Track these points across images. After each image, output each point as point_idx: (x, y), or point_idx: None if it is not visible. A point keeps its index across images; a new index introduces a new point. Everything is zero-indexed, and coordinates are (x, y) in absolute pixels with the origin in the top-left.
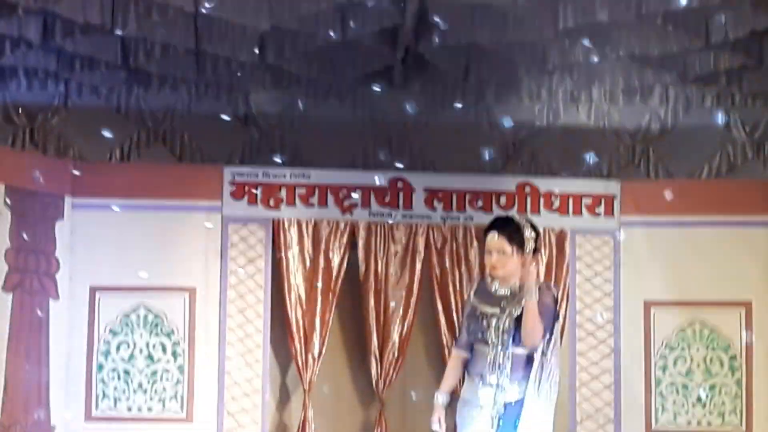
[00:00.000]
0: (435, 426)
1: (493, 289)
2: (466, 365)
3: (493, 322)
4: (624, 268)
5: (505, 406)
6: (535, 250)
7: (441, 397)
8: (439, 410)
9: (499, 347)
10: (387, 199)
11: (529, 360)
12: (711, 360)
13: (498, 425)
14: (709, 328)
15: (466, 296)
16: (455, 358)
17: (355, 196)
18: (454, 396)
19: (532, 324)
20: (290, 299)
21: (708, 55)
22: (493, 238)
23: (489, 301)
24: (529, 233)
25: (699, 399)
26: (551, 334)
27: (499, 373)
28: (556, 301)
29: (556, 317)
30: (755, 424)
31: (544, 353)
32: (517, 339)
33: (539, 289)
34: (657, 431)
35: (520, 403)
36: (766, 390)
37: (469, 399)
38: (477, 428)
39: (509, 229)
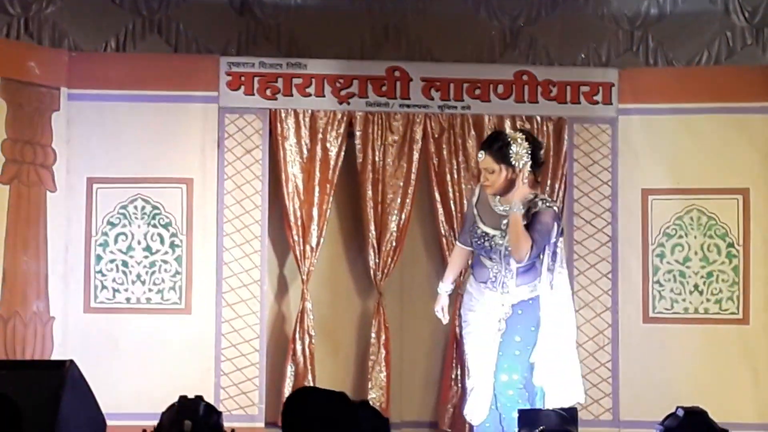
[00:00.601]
0: (439, 315)
1: (493, 205)
2: (468, 257)
3: (494, 245)
4: (622, 156)
5: (512, 307)
6: (540, 164)
7: (444, 288)
8: (443, 300)
9: (502, 265)
10: (384, 89)
11: (533, 265)
12: (708, 247)
13: (505, 328)
14: (706, 216)
15: (466, 199)
16: (458, 249)
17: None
18: (457, 285)
19: (515, 237)
20: (288, 190)
21: None
22: (480, 158)
23: (490, 221)
24: (517, 148)
25: (696, 286)
26: (554, 250)
27: (502, 286)
28: (557, 217)
29: (559, 233)
30: (752, 311)
31: (550, 269)
32: None
33: (538, 207)
34: (654, 318)
35: (526, 303)
36: (763, 277)
37: (475, 295)
38: (482, 331)
39: (496, 145)
